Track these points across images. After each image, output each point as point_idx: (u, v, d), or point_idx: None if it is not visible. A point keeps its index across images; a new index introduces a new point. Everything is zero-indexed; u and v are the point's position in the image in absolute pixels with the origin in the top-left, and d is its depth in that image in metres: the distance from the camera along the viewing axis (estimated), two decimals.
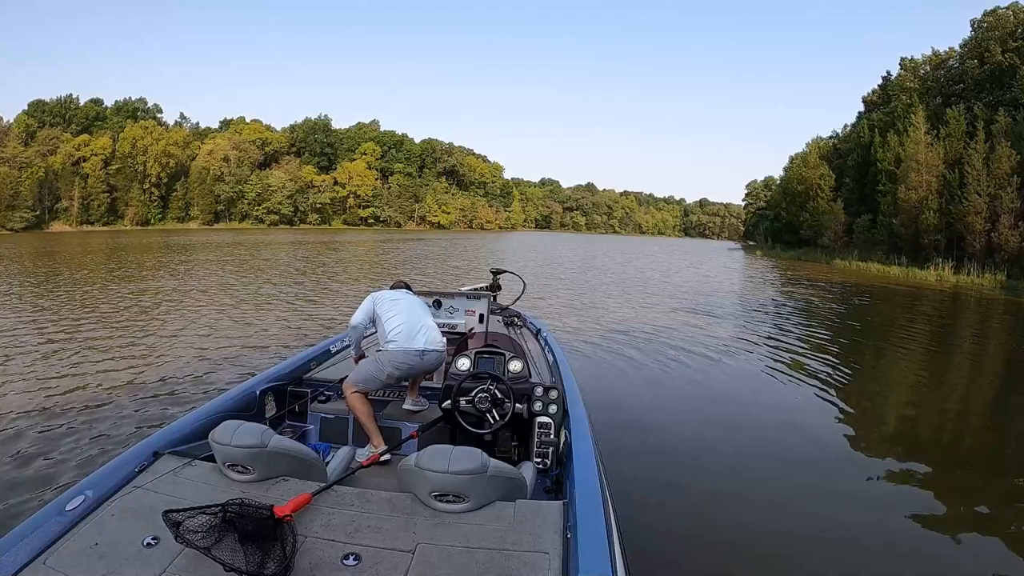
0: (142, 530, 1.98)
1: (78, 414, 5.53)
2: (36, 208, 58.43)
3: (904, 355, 10.66)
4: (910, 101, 39.31)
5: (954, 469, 5.43)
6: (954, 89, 38.85)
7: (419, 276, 20.64)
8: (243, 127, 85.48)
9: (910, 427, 6.80)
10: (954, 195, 31.19)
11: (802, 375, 8.44)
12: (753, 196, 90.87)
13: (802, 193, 50.22)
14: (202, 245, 35.26)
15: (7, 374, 6.85)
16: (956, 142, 33.01)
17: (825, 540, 3.89)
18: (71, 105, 70.74)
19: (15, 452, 4.60)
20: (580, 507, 2.10)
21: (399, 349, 3.74)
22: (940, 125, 34.94)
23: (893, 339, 12.17)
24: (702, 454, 5.28)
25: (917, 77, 43.22)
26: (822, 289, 22.00)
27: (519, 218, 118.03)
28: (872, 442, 6.04)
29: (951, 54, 41.33)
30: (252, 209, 77.48)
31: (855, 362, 9.72)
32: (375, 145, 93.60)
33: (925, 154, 33.99)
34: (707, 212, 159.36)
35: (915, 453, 5.74)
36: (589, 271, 26.94)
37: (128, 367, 7.33)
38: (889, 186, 36.61)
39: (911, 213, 33.69)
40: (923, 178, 33.66)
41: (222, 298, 13.80)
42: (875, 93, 49.14)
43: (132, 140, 68.31)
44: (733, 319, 13.68)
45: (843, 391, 7.80)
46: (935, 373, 9.49)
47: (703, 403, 6.99)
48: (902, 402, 7.84)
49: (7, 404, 5.76)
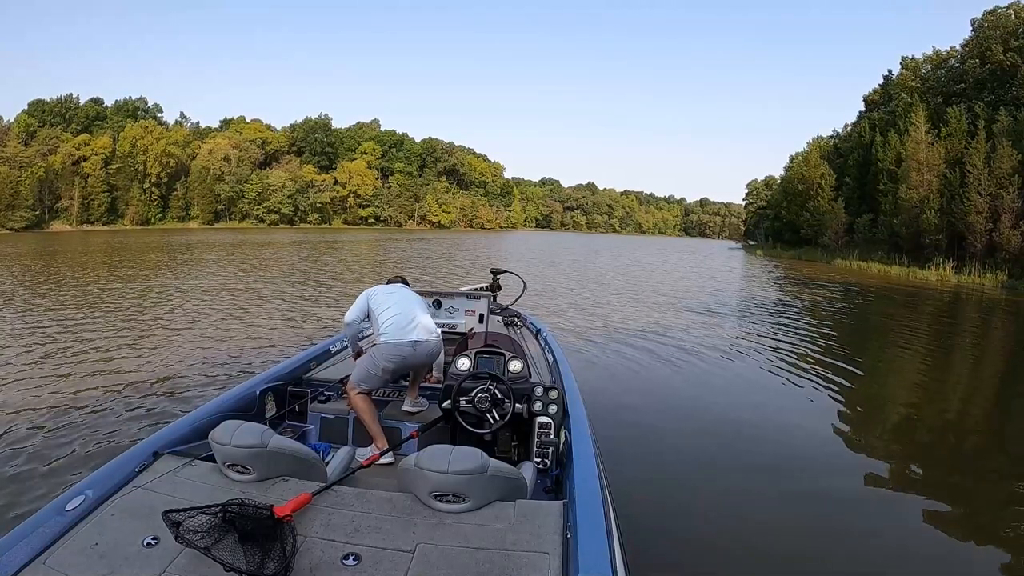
0: (142, 530, 1.97)
1: (78, 414, 5.50)
2: (36, 207, 58.44)
3: (906, 356, 10.62)
4: (911, 100, 39.22)
5: (956, 471, 5.40)
6: (955, 88, 38.75)
7: (422, 275, 20.61)
8: (243, 126, 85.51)
9: (911, 428, 6.78)
10: (955, 194, 31.13)
11: (803, 376, 8.42)
12: (754, 195, 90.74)
13: (803, 192, 50.12)
14: (203, 245, 35.25)
15: (7, 373, 6.83)
16: (957, 141, 32.99)
17: (825, 541, 3.89)
18: (71, 105, 70.71)
19: (15, 452, 4.59)
20: (580, 507, 2.10)
21: (391, 341, 3.71)
22: (941, 124, 34.92)
23: (894, 339, 12.15)
24: (702, 454, 5.27)
25: (918, 76, 43.18)
26: (823, 289, 21.98)
27: (520, 217, 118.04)
28: (874, 443, 6.01)
29: (952, 53, 41.31)
30: (252, 209, 77.47)
31: (856, 363, 9.66)
32: (375, 144, 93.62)
33: (926, 153, 34.01)
34: (708, 211, 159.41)
35: (916, 454, 5.72)
36: (591, 269, 26.88)
37: (128, 367, 7.31)
38: (890, 185, 36.59)
39: (912, 213, 33.65)
40: (924, 177, 33.66)
41: (222, 298, 13.76)
42: (876, 92, 49.16)
43: (132, 139, 68.27)
44: (734, 318, 13.65)
45: (844, 392, 7.77)
46: (937, 374, 9.44)
47: (703, 402, 6.99)
48: (903, 403, 7.77)
49: (7, 403, 5.75)
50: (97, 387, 6.42)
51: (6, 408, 5.62)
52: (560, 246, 52.48)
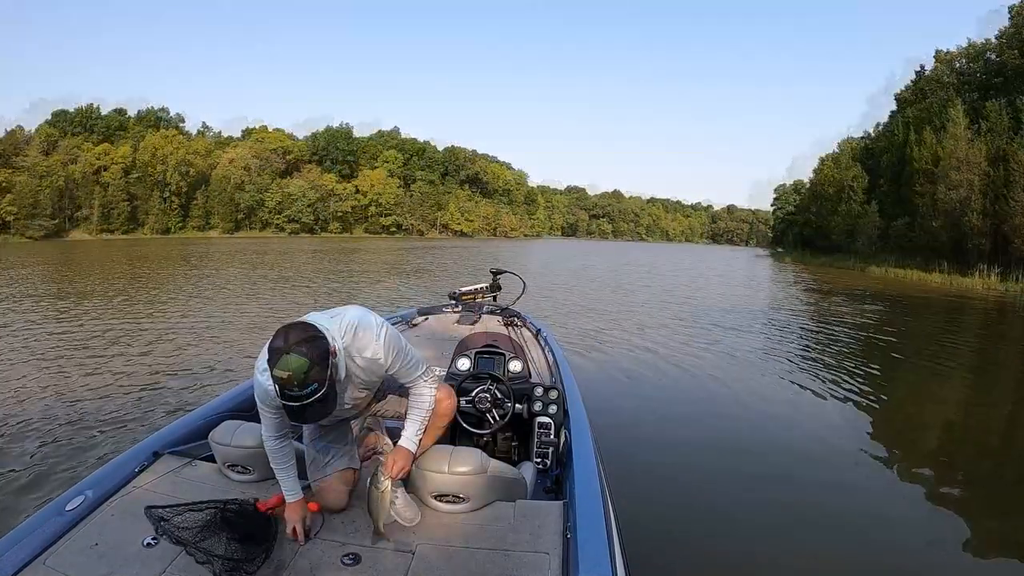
0: (142, 530, 1.99)
1: (79, 413, 5.58)
2: (56, 216, 59.22)
3: (946, 374, 9.22)
4: (947, 96, 36.90)
5: (994, 499, 4.84)
6: (993, 82, 36.22)
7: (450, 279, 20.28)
8: (265, 135, 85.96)
9: (944, 451, 6.12)
10: (999, 194, 28.91)
11: (824, 388, 7.75)
12: (782, 200, 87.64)
13: (833, 196, 48.02)
14: (223, 254, 35.22)
15: (11, 373, 7.00)
16: (998, 137, 30.69)
17: (825, 542, 3.85)
18: (93, 114, 71.71)
19: (15, 452, 4.64)
20: (580, 507, 2.06)
21: None
22: (981, 120, 32.59)
23: (933, 356, 10.62)
24: (705, 456, 5.26)
25: (953, 71, 40.63)
26: (857, 300, 20.15)
27: (545, 226, 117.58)
28: (891, 458, 5.55)
29: (988, 45, 38.75)
30: (273, 217, 77.75)
31: (885, 379, 8.71)
32: (397, 153, 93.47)
33: (966, 151, 31.69)
34: (735, 218, 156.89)
35: (942, 475, 5.23)
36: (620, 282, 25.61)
37: (130, 367, 7.40)
38: (927, 186, 34.28)
39: (952, 215, 31.42)
40: (964, 177, 31.33)
41: (225, 299, 14.03)
42: (908, 89, 46.34)
43: (152, 149, 68.88)
44: (753, 328, 12.49)
45: (866, 404, 7.16)
46: (979, 395, 8.37)
47: (710, 406, 6.93)
48: (937, 425, 7.01)
49: (8, 403, 5.85)
50: (97, 387, 6.47)
51: (7, 408, 5.71)
52: (584, 257, 51.15)
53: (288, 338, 1.83)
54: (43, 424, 5.24)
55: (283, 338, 1.84)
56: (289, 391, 1.81)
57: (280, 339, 1.84)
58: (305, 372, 1.80)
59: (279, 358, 1.80)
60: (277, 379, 1.82)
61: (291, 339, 1.83)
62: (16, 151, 59.18)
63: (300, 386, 1.80)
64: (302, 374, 1.80)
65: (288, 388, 1.81)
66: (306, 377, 1.80)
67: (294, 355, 1.80)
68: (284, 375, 1.79)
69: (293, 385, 1.80)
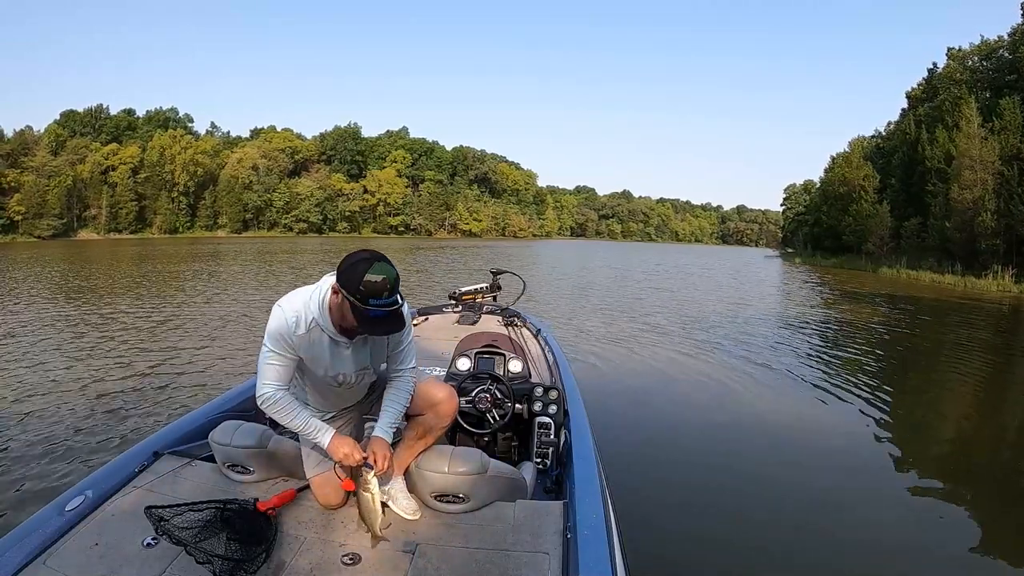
0: (142, 530, 1.98)
1: (79, 414, 5.57)
2: (64, 216, 59.78)
3: (960, 379, 8.90)
4: (959, 93, 36.29)
5: (1004, 507, 4.66)
6: (1006, 79, 35.58)
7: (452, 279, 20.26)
8: (273, 136, 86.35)
9: (954, 458, 5.91)
10: (1013, 194, 28.32)
11: (830, 392, 7.58)
12: (792, 200, 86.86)
13: (844, 196, 47.34)
14: (231, 253, 35.40)
15: (12, 372, 6.98)
16: (1013, 135, 30.11)
17: (825, 545, 3.82)
18: (101, 115, 72.20)
19: (15, 452, 4.63)
20: (580, 507, 2.06)
21: None
22: (994, 118, 31.96)
23: (947, 360, 10.31)
24: (706, 456, 5.22)
25: (966, 68, 39.95)
26: (868, 302, 19.75)
27: (553, 226, 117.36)
28: (900, 465, 5.36)
29: (1000, 43, 38.12)
30: (280, 217, 78.05)
31: (896, 383, 8.53)
32: (405, 152, 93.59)
33: (979, 149, 31.10)
34: (745, 219, 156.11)
35: (951, 483, 5.01)
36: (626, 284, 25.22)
37: (132, 367, 7.38)
38: (940, 186, 33.74)
39: (965, 215, 30.77)
40: (978, 176, 30.73)
41: (229, 300, 14.04)
42: (920, 87, 45.67)
43: (160, 149, 69.22)
44: (762, 330, 12.20)
45: (876, 408, 6.95)
46: (994, 400, 8.13)
47: (713, 407, 6.81)
48: (947, 430, 6.80)
49: (9, 403, 5.85)
50: (97, 387, 6.46)
51: (8, 408, 5.71)
52: (591, 258, 50.76)
53: (375, 253, 1.93)
54: (43, 424, 5.24)
55: (368, 253, 1.93)
56: (378, 297, 1.87)
57: (366, 253, 1.92)
58: (395, 279, 1.91)
59: (372, 264, 1.88)
60: (371, 282, 1.86)
61: (377, 255, 1.93)
62: (25, 151, 59.70)
63: (390, 292, 1.89)
64: (394, 279, 1.90)
65: (379, 293, 1.87)
66: (395, 285, 1.91)
67: (388, 264, 1.92)
68: (378, 278, 1.86)
69: (386, 289, 1.88)
